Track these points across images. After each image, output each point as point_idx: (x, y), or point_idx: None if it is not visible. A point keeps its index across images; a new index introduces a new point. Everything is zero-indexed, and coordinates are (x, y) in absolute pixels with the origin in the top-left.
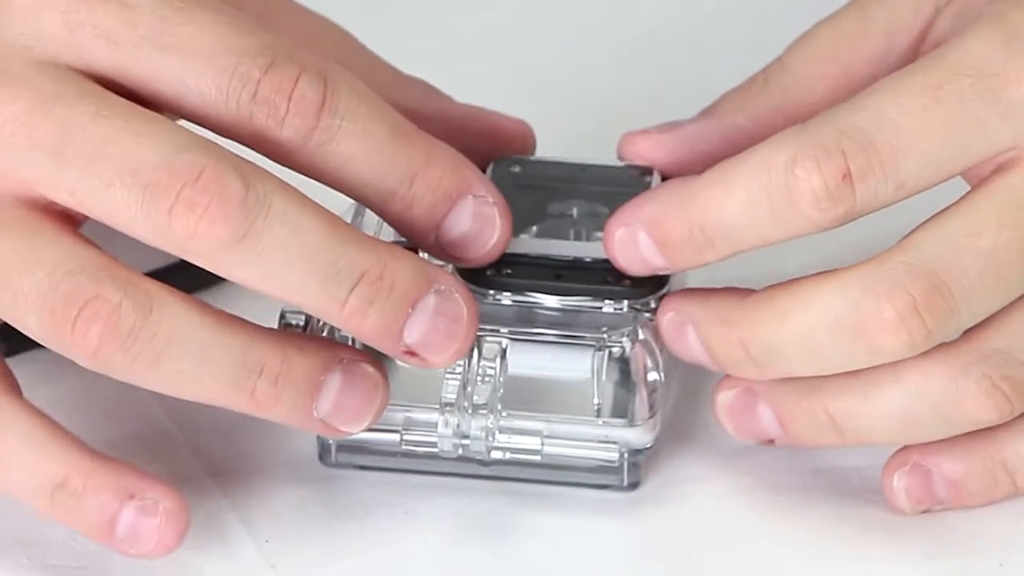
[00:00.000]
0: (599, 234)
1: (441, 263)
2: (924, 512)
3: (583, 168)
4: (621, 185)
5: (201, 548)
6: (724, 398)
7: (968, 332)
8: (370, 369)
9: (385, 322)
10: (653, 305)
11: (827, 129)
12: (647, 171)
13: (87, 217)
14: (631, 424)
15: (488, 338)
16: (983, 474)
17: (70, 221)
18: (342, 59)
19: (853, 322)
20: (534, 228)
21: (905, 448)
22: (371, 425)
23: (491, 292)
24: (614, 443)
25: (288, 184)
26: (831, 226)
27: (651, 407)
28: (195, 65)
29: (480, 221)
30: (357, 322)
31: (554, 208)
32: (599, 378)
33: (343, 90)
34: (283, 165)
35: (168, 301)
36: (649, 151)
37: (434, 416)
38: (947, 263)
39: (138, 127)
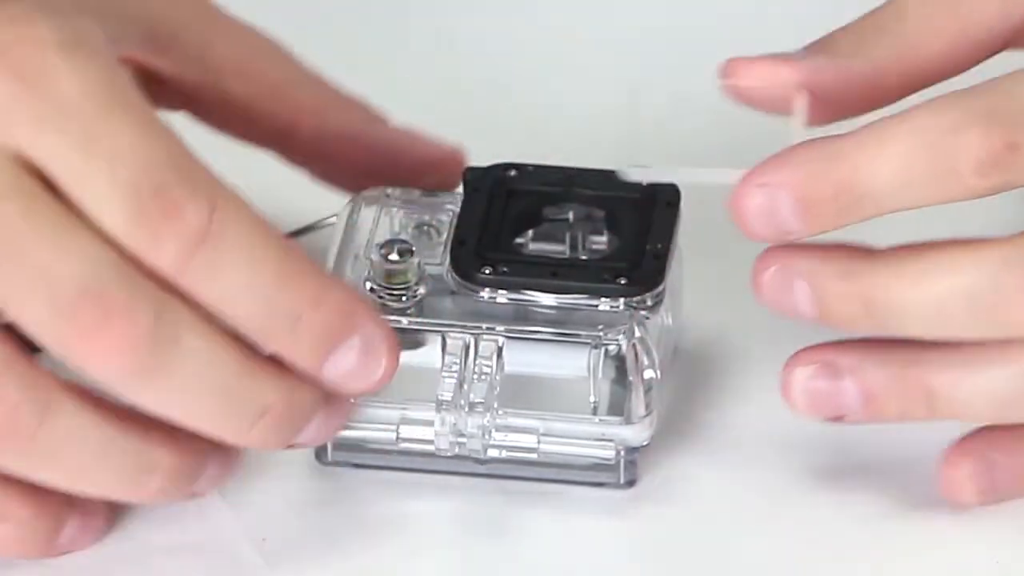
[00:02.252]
0: (596, 238)
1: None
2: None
3: (578, 173)
4: (615, 189)
5: (198, 548)
6: (802, 374)
7: None
8: (233, 456)
9: (285, 440)
10: (649, 303)
11: (993, 97)
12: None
13: None
14: (627, 422)
15: (484, 336)
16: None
17: None
18: (278, 76)
19: (990, 295)
20: (530, 232)
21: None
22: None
23: (487, 290)
24: (610, 441)
25: (202, 313)
26: (986, 194)
27: (647, 405)
28: (97, 169)
29: (365, 359)
30: (259, 442)
31: (550, 212)
32: (595, 376)
33: (229, 229)
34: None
35: (67, 404)
36: (755, 78)
37: (430, 414)
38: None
39: (59, 239)
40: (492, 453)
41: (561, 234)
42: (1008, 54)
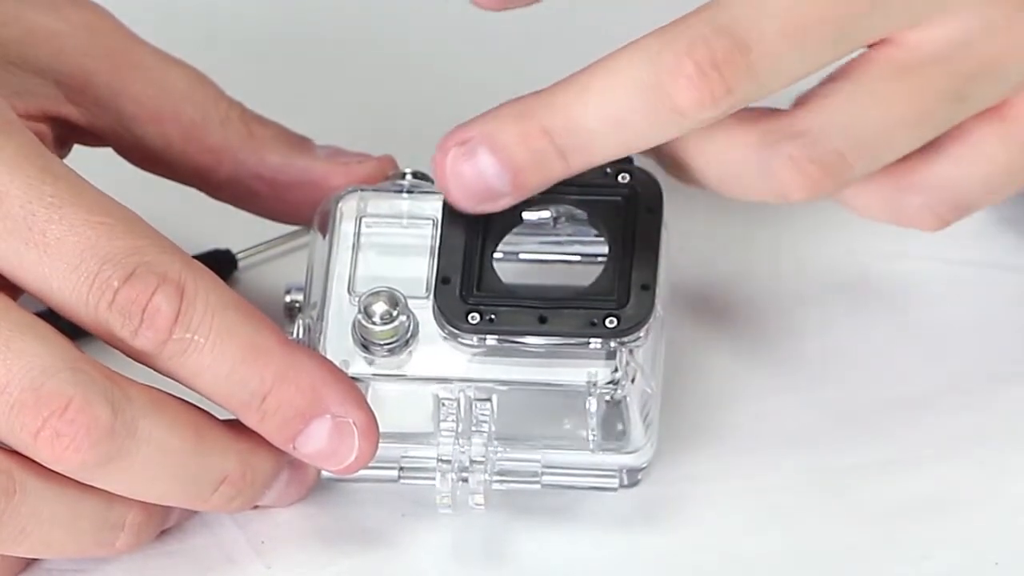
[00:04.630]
0: (578, 235)
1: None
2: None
3: None
4: (595, 185)
5: (197, 550)
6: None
7: (782, 110)
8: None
9: (246, 505)
10: (641, 335)
11: (691, 28)
12: (626, 160)
13: None
14: (627, 451)
15: (478, 387)
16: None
17: None
18: (194, 118)
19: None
20: (510, 237)
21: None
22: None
23: (475, 336)
24: (612, 470)
25: (155, 396)
26: (706, 120)
27: (646, 430)
28: (58, 267)
29: (336, 441)
30: (220, 508)
31: (529, 214)
32: (591, 415)
33: (198, 304)
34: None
35: (30, 482)
36: None
37: (431, 451)
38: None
39: (9, 339)
40: (496, 486)
41: (541, 238)
42: None
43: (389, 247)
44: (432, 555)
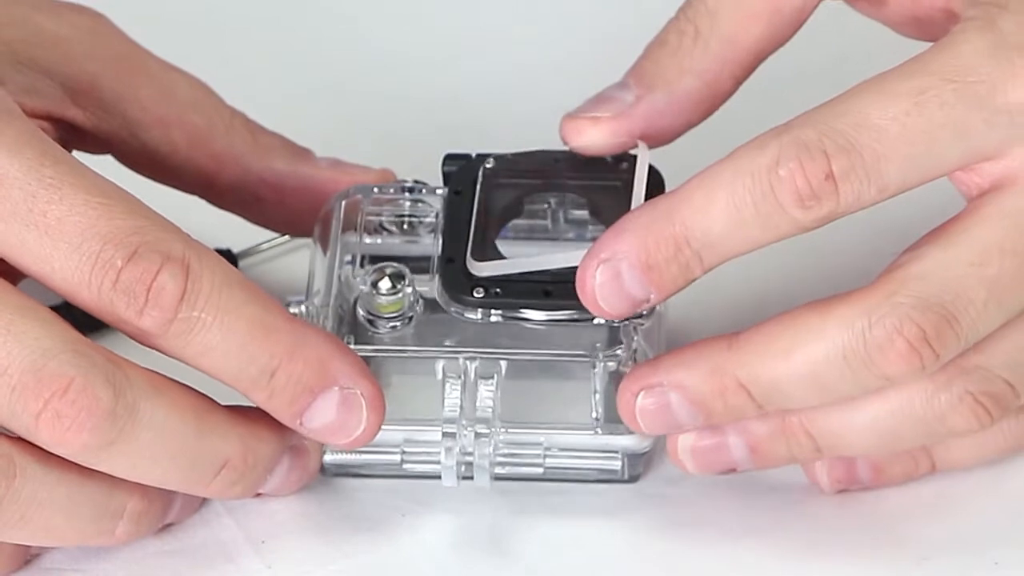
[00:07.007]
0: (577, 213)
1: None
2: (841, 491)
3: (557, 160)
4: (596, 172)
5: (197, 549)
6: (686, 441)
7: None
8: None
9: (247, 490)
10: (644, 312)
11: (808, 130)
12: (623, 155)
13: None
14: (630, 431)
15: (483, 359)
16: (905, 458)
17: None
18: (199, 125)
19: (863, 354)
20: (511, 224)
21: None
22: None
23: (480, 311)
24: (615, 451)
25: (156, 379)
26: (814, 226)
27: None
28: (60, 248)
29: (345, 413)
30: (221, 493)
31: (531, 202)
32: (595, 391)
33: (204, 283)
34: (147, 347)
35: (30, 467)
36: (601, 142)
37: (434, 435)
38: (954, 295)
39: (9, 323)
40: (498, 470)
41: (543, 225)
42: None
43: (390, 245)
44: (432, 553)
